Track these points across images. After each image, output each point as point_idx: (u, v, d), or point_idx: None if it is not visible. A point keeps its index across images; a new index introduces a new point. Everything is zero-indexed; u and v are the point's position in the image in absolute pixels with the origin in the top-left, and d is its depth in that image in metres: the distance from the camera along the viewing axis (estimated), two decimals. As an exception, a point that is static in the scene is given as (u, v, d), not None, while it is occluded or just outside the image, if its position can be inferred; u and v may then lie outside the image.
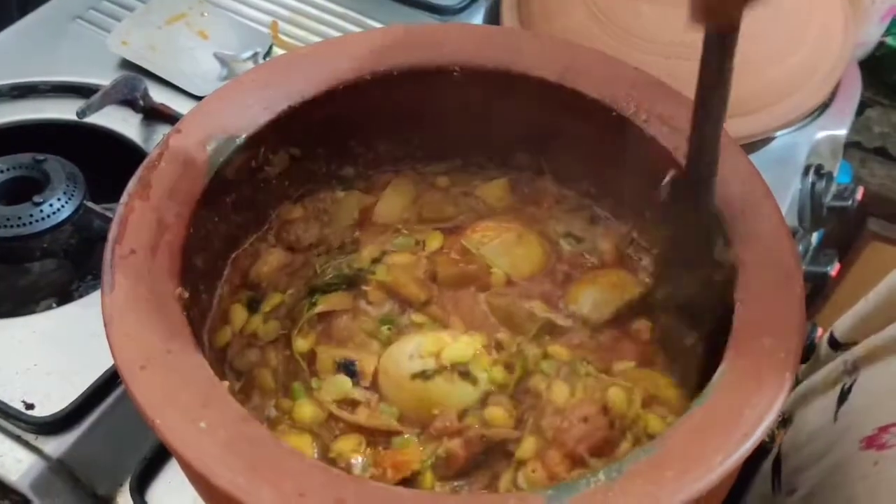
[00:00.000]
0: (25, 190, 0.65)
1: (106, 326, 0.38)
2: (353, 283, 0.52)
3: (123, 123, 0.74)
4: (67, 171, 0.67)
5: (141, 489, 0.54)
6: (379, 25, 0.85)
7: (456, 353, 0.47)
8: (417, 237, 0.54)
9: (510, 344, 0.49)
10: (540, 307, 0.51)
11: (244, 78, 0.50)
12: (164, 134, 0.71)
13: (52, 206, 0.64)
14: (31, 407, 0.55)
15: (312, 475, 0.35)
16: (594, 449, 0.44)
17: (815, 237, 0.91)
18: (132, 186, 0.43)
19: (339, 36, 0.64)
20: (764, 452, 0.61)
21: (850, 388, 0.53)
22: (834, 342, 0.60)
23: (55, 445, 0.54)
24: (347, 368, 0.48)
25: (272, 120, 0.48)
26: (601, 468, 0.36)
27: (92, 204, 0.66)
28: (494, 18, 0.84)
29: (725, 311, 0.43)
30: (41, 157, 0.67)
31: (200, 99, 0.71)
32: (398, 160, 0.56)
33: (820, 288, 0.80)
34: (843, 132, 0.81)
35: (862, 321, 0.56)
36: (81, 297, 0.63)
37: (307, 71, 0.49)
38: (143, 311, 0.39)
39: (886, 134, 1.09)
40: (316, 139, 0.52)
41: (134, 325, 0.38)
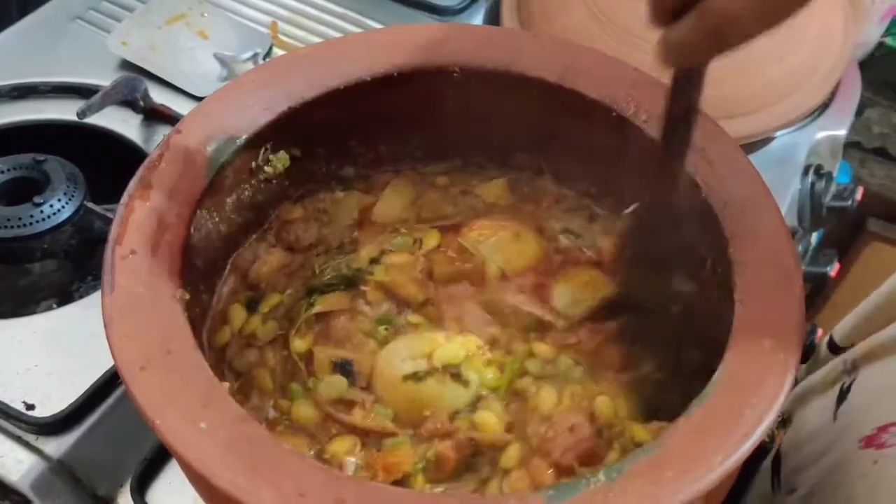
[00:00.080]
0: (26, 190, 0.65)
1: (106, 327, 0.38)
2: (351, 283, 0.52)
3: (124, 124, 0.74)
4: (68, 171, 0.67)
5: (141, 490, 0.54)
6: (379, 26, 0.85)
7: (447, 354, 0.47)
8: (416, 236, 0.54)
9: (501, 341, 0.49)
10: (524, 301, 0.50)
11: (244, 78, 0.49)
12: (164, 134, 0.72)
13: (52, 206, 0.64)
14: (31, 407, 0.55)
15: (312, 475, 0.35)
16: (581, 458, 0.43)
17: (814, 237, 0.91)
18: (132, 187, 0.43)
19: (338, 36, 0.64)
20: (764, 452, 0.61)
21: (849, 387, 0.53)
22: (833, 346, 0.60)
23: (56, 446, 0.54)
24: (344, 369, 0.48)
25: (272, 120, 0.48)
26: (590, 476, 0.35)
27: (92, 204, 0.66)
28: (494, 19, 0.84)
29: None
30: (41, 157, 0.67)
31: (200, 99, 0.71)
32: (398, 160, 0.56)
33: (820, 288, 0.80)
34: (842, 132, 0.81)
35: (862, 324, 0.56)
36: (82, 297, 0.63)
37: (307, 71, 0.49)
38: (143, 311, 0.39)
39: (886, 134, 1.09)
40: (316, 139, 0.52)
41: (134, 325, 0.38)
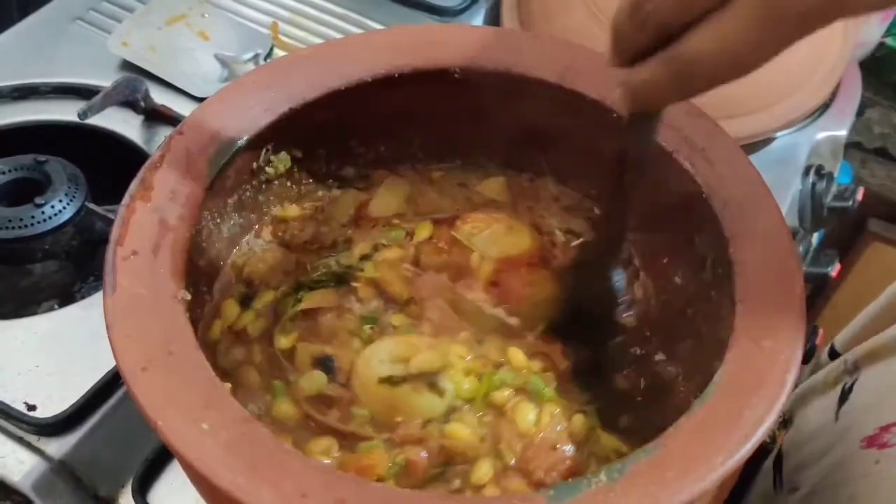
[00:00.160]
0: (27, 191, 0.65)
1: (107, 328, 0.38)
2: (342, 280, 0.51)
3: (124, 125, 0.74)
4: (69, 172, 0.67)
5: (143, 490, 0.54)
6: (379, 27, 0.85)
7: (425, 361, 0.46)
8: (410, 228, 0.54)
9: (472, 344, 0.48)
10: (483, 299, 0.50)
11: (245, 79, 0.50)
12: (165, 135, 0.72)
13: (53, 207, 0.64)
14: (33, 408, 0.55)
15: (314, 476, 0.35)
16: (564, 477, 0.43)
17: (815, 238, 0.91)
18: (134, 188, 0.43)
19: (339, 37, 0.64)
20: (765, 453, 0.61)
21: (850, 387, 0.53)
22: (834, 354, 0.60)
23: (57, 446, 0.54)
24: (325, 364, 0.47)
25: (273, 121, 0.48)
26: None
27: (93, 205, 0.66)
28: (494, 19, 0.84)
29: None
30: (42, 158, 0.67)
31: (201, 100, 0.71)
32: (398, 160, 0.56)
33: (820, 289, 0.80)
34: (843, 133, 0.81)
35: (861, 333, 0.56)
36: (83, 298, 0.63)
37: (308, 72, 0.49)
38: (144, 312, 0.39)
39: (887, 134, 1.09)
40: (317, 140, 0.52)
41: (135, 326, 0.38)
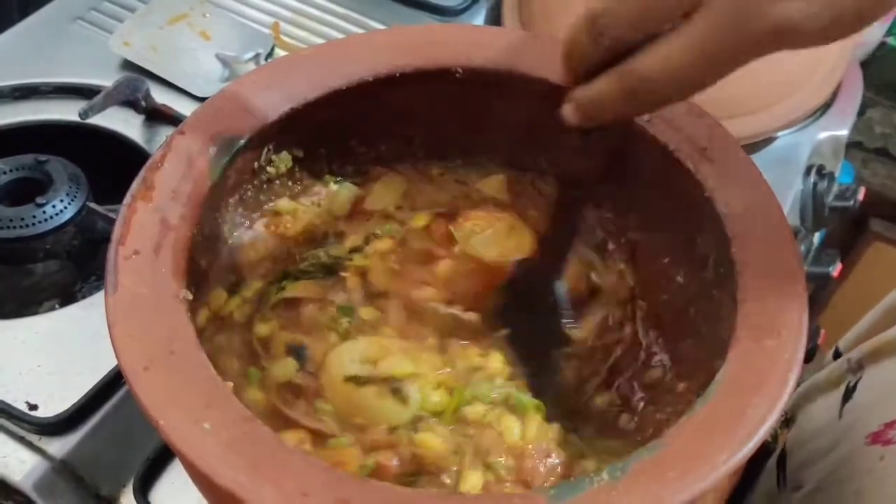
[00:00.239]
0: (28, 191, 0.66)
1: (109, 327, 0.38)
2: (331, 270, 0.51)
3: (125, 124, 0.74)
4: (70, 172, 0.67)
5: (144, 490, 0.55)
6: (381, 26, 0.85)
7: (392, 366, 0.45)
8: (405, 218, 0.54)
9: (447, 353, 0.48)
10: (433, 295, 0.50)
11: (246, 79, 0.49)
12: (166, 135, 0.72)
13: (54, 207, 0.64)
14: (34, 408, 0.55)
15: (315, 475, 0.35)
16: (564, 479, 0.43)
17: (816, 237, 0.91)
18: (135, 188, 0.43)
19: (340, 37, 0.64)
20: (767, 453, 0.61)
21: (855, 385, 0.53)
22: (839, 357, 0.61)
23: (58, 446, 0.54)
24: (297, 353, 0.47)
25: (275, 121, 0.48)
26: None
27: (95, 205, 0.66)
28: (496, 19, 0.84)
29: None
30: (43, 158, 0.67)
31: (202, 100, 0.71)
32: (399, 159, 0.56)
33: (822, 288, 0.80)
34: (844, 132, 0.81)
35: (866, 332, 0.57)
36: (84, 298, 0.63)
37: (309, 72, 0.49)
38: (146, 312, 0.39)
39: (888, 134, 1.09)
40: (318, 139, 0.52)
41: (137, 326, 0.38)
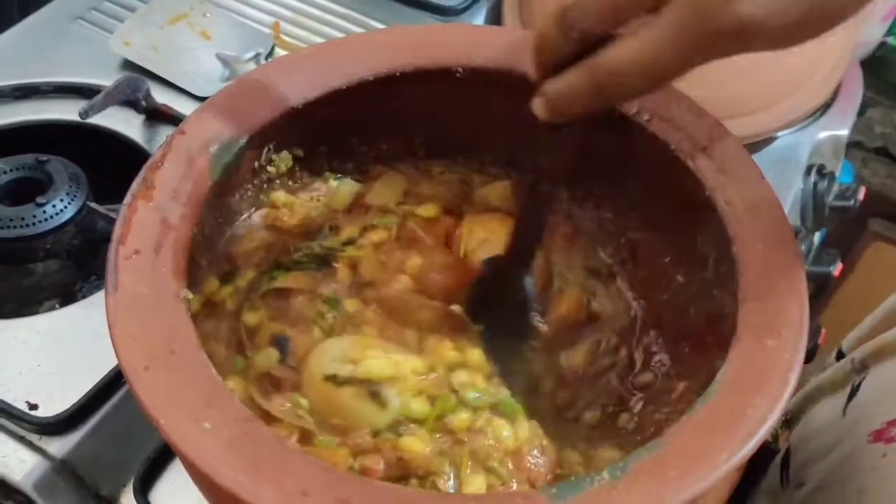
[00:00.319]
0: (28, 191, 0.66)
1: (109, 327, 0.38)
2: (323, 262, 0.51)
3: (126, 124, 0.74)
4: (70, 171, 0.67)
5: (144, 489, 0.55)
6: (381, 26, 0.85)
7: (371, 368, 0.44)
8: (406, 210, 0.53)
9: (426, 351, 0.47)
10: (408, 285, 0.49)
11: (247, 79, 0.49)
12: (166, 135, 0.72)
13: (55, 206, 0.64)
14: (34, 407, 0.55)
15: (315, 474, 0.35)
16: (557, 472, 0.43)
17: (817, 237, 0.91)
18: (136, 187, 0.43)
19: (341, 37, 0.64)
20: (769, 453, 0.61)
21: (859, 385, 0.54)
22: (842, 357, 0.61)
23: (59, 446, 0.54)
24: (280, 343, 0.47)
25: (275, 120, 0.48)
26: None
27: (95, 205, 0.66)
28: (496, 19, 0.84)
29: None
30: (44, 157, 0.67)
31: (202, 99, 0.71)
32: (400, 158, 0.56)
33: (822, 288, 0.80)
34: (844, 132, 0.81)
35: (870, 332, 0.57)
36: (85, 297, 0.63)
37: (310, 72, 0.49)
38: (146, 311, 0.39)
39: (888, 134, 1.09)
40: (318, 138, 0.52)
41: (137, 325, 0.38)
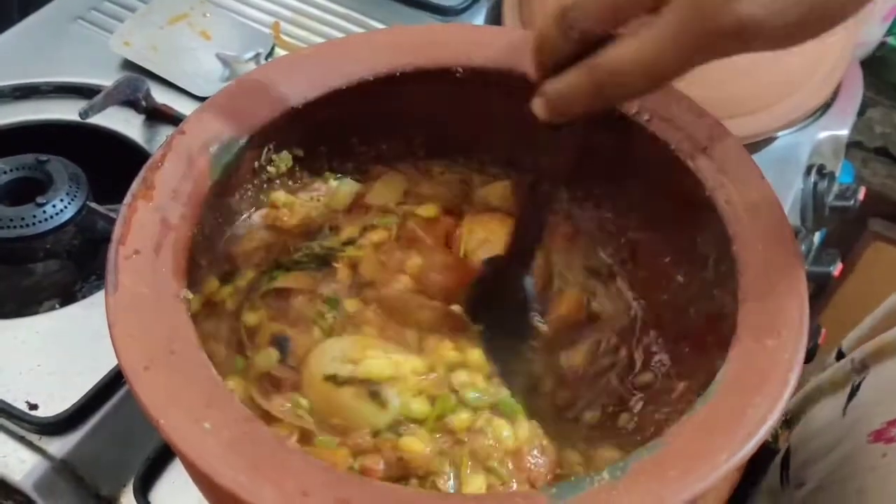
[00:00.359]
0: (28, 191, 0.65)
1: (109, 327, 0.38)
2: (324, 262, 0.51)
3: (126, 124, 0.74)
4: (70, 171, 0.67)
5: (144, 489, 0.55)
6: (381, 26, 0.85)
7: (371, 368, 0.44)
8: (408, 209, 0.53)
9: (413, 344, 0.47)
10: (409, 285, 0.49)
11: (247, 79, 0.49)
12: (166, 135, 0.72)
13: (55, 206, 0.64)
14: (34, 407, 0.55)
15: (315, 474, 0.35)
16: (557, 471, 0.43)
17: (817, 237, 0.91)
18: (136, 187, 0.43)
19: (341, 37, 0.64)
20: (769, 454, 0.61)
21: (859, 385, 0.54)
22: (842, 357, 0.61)
23: (59, 446, 0.54)
24: (280, 343, 0.47)
25: (275, 120, 0.48)
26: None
27: (95, 205, 0.66)
28: (496, 19, 0.84)
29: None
30: (44, 157, 0.67)
31: (202, 99, 0.71)
32: (400, 158, 0.56)
33: (822, 288, 0.80)
34: (844, 132, 0.81)
35: (870, 332, 0.57)
36: (85, 297, 0.63)
37: (310, 72, 0.49)
38: (146, 311, 0.39)
39: (888, 134, 1.09)
40: (318, 139, 0.52)
41: (138, 325, 0.38)
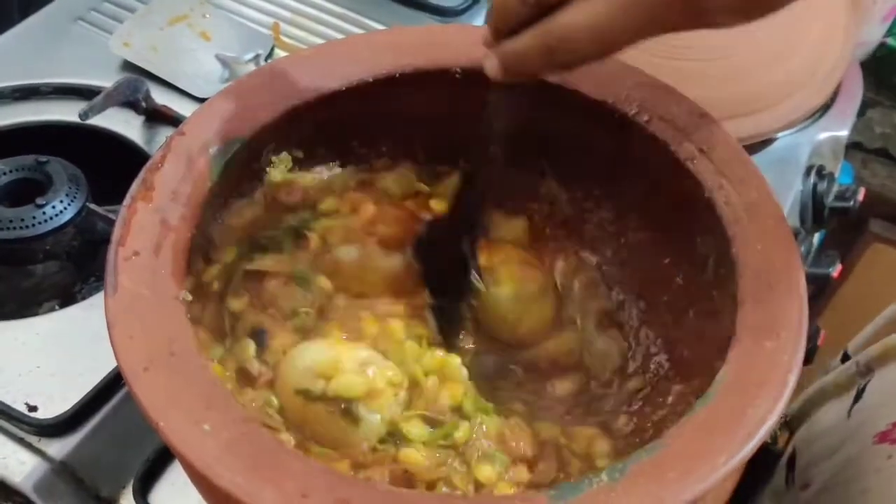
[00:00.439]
0: (28, 192, 0.65)
1: (109, 328, 0.38)
2: (298, 234, 0.50)
3: (125, 125, 0.74)
4: (70, 172, 0.67)
5: (144, 491, 0.54)
6: (381, 27, 0.85)
7: (343, 387, 0.43)
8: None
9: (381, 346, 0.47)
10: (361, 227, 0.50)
11: (246, 80, 0.50)
12: (166, 136, 0.72)
13: (54, 208, 0.64)
14: (34, 409, 0.55)
15: (315, 476, 0.35)
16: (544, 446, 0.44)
17: (816, 238, 0.91)
18: (135, 189, 0.43)
19: (340, 38, 0.64)
20: (770, 455, 0.61)
21: (864, 388, 0.54)
22: (847, 360, 0.61)
23: (58, 447, 0.54)
24: (257, 336, 0.46)
25: (274, 122, 0.48)
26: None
27: (94, 206, 0.66)
28: (496, 20, 0.84)
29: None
30: (43, 158, 0.67)
31: (202, 101, 0.71)
32: (400, 159, 0.56)
33: (822, 289, 0.80)
34: (844, 133, 0.80)
35: (874, 336, 0.57)
36: (84, 299, 0.63)
37: (309, 73, 0.49)
38: (146, 313, 0.39)
39: (888, 135, 1.09)
40: (318, 140, 0.52)
41: (137, 327, 0.38)
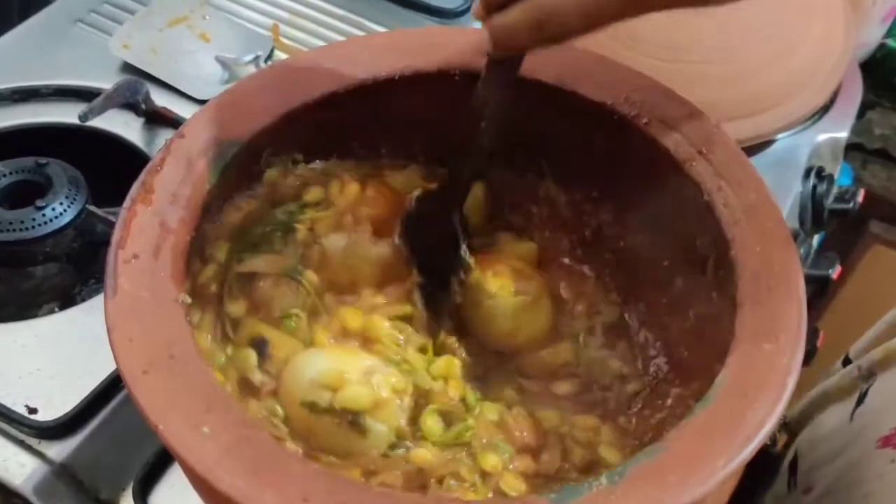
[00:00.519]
0: (28, 194, 0.65)
1: (108, 331, 0.38)
2: (287, 228, 0.50)
3: (125, 127, 0.74)
4: (69, 174, 0.67)
5: (144, 493, 0.54)
6: (380, 29, 0.85)
7: (350, 398, 0.43)
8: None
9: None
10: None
11: (246, 82, 0.50)
12: (165, 138, 0.72)
13: (54, 210, 0.64)
14: (33, 411, 0.55)
15: (315, 480, 0.35)
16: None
17: (816, 240, 0.91)
18: (135, 191, 0.43)
19: (340, 39, 0.65)
20: (770, 458, 0.61)
21: (866, 392, 0.54)
22: (848, 364, 0.61)
23: (58, 450, 0.54)
24: (259, 346, 0.46)
25: (274, 124, 0.48)
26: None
27: (94, 208, 0.66)
28: (495, 21, 0.84)
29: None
30: (43, 160, 0.67)
31: (202, 102, 0.71)
32: (400, 162, 0.56)
33: (821, 291, 0.80)
34: (844, 134, 0.81)
35: (876, 340, 0.57)
36: (84, 301, 0.63)
37: (309, 75, 0.49)
38: (145, 315, 0.39)
39: (887, 136, 1.09)
40: (318, 142, 0.52)
41: (137, 329, 0.38)
